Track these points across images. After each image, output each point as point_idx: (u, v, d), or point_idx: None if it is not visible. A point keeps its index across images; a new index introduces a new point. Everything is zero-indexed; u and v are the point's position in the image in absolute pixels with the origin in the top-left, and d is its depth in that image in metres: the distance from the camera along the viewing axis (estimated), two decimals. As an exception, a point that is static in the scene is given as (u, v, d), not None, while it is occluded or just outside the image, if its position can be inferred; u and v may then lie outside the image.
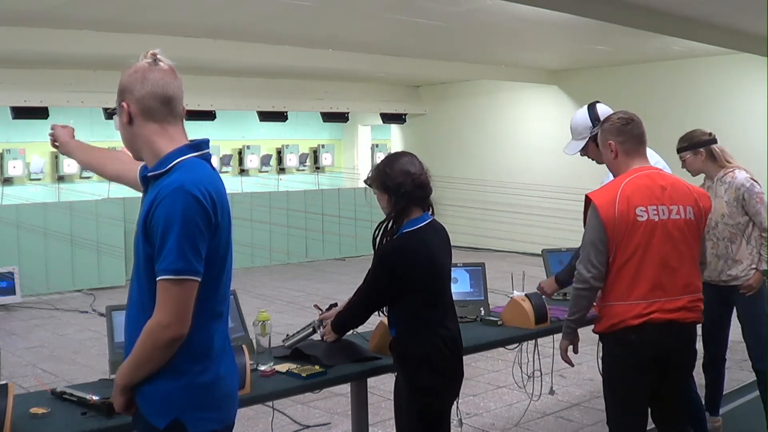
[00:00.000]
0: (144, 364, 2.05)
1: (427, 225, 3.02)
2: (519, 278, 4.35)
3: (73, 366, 6.54)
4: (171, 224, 2.00)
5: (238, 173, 13.22)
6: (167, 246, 1.99)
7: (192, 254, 2.00)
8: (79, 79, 10.31)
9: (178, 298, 2.00)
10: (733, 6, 7.41)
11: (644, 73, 11.15)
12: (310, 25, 8.17)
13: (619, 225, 3.02)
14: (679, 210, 3.08)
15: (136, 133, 2.16)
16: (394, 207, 3.01)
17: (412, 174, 3.00)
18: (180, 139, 2.17)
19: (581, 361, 6.39)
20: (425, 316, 2.97)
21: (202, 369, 2.10)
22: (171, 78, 2.18)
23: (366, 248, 12.82)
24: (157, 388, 2.07)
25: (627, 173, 3.15)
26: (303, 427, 4.92)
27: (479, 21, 7.99)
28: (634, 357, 3.06)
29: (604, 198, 3.08)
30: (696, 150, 4.24)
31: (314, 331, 3.46)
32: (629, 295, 3.04)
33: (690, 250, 3.12)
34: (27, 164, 11.03)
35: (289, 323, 8.24)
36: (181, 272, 1.99)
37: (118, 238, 10.28)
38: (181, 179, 2.05)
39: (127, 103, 2.14)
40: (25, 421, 2.51)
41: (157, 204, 2.03)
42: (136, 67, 2.17)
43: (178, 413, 2.07)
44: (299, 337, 3.49)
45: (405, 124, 14.66)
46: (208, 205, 2.04)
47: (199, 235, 2.02)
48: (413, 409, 2.97)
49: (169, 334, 2.01)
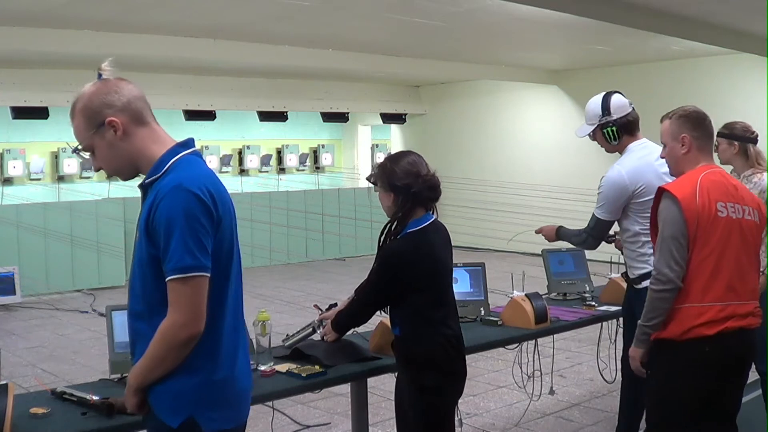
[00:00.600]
0: (160, 365, 2.04)
1: (430, 225, 3.02)
2: (519, 278, 4.35)
3: (73, 366, 6.54)
4: (173, 223, 1.99)
5: (238, 173, 13.21)
6: (172, 245, 1.99)
7: (198, 250, 2.00)
8: (79, 79, 10.08)
9: (190, 295, 2.00)
10: (733, 6, 7.40)
11: (644, 73, 11.14)
12: (310, 25, 8.17)
13: (701, 219, 2.80)
14: (750, 211, 2.93)
15: (131, 144, 2.12)
16: (401, 207, 2.98)
17: (423, 175, 2.98)
18: (167, 139, 2.17)
19: (581, 361, 6.41)
20: (429, 316, 2.96)
21: (214, 366, 2.09)
22: (129, 82, 2.16)
23: (366, 248, 12.90)
24: (170, 387, 2.06)
25: (698, 169, 2.94)
26: (303, 427, 4.92)
27: (479, 21, 7.99)
28: (707, 368, 2.82)
29: (683, 190, 2.85)
30: (731, 141, 4.23)
31: (314, 331, 3.46)
32: (704, 297, 2.80)
33: (756, 253, 2.97)
34: (27, 164, 11.03)
35: (289, 323, 8.23)
36: (190, 269, 1.99)
37: (118, 238, 10.28)
38: (179, 178, 2.05)
39: (114, 117, 2.09)
40: (25, 421, 2.51)
41: (157, 205, 2.03)
42: (94, 88, 2.12)
43: (191, 411, 2.06)
44: (299, 337, 3.49)
45: (405, 124, 14.66)
46: (208, 200, 2.04)
47: (203, 230, 2.02)
48: (417, 409, 2.96)
49: (185, 333, 2.01)
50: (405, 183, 2.96)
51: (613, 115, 3.81)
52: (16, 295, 8.99)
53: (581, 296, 4.57)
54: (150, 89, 2.53)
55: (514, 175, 12.78)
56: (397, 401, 3.21)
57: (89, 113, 2.10)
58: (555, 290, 4.66)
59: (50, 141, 11.25)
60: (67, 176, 11.41)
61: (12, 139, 10.97)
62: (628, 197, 3.71)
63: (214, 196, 2.06)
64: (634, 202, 3.71)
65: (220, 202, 2.09)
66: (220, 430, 2.11)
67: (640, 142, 3.84)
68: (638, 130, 3.87)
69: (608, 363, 5.05)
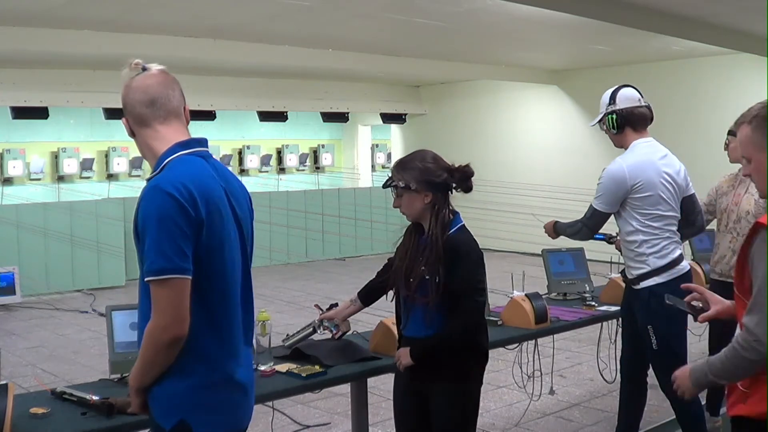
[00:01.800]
0: (151, 367, 2.05)
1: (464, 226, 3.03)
2: (519, 278, 4.35)
3: (73, 366, 6.54)
4: (147, 224, 1.99)
5: (238, 173, 13.21)
6: (146, 246, 1.99)
7: (173, 252, 1.97)
8: (79, 79, 10.30)
9: (168, 298, 1.98)
10: (733, 6, 7.40)
11: (644, 73, 11.13)
12: (310, 25, 8.17)
13: None
14: None
15: (140, 142, 2.20)
16: (443, 204, 2.95)
17: (454, 168, 2.96)
18: (172, 138, 2.15)
19: (581, 361, 6.40)
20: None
21: (207, 370, 2.07)
22: (153, 80, 2.16)
23: (366, 248, 12.88)
24: (164, 389, 2.06)
25: None
26: (303, 427, 4.92)
27: (479, 21, 7.99)
28: None
29: None
30: None
31: (314, 331, 3.45)
32: None
33: None
34: (27, 164, 11.03)
35: (289, 323, 8.24)
36: (164, 271, 1.96)
37: (118, 238, 10.28)
38: (158, 179, 2.05)
39: (125, 118, 2.19)
40: (25, 421, 2.51)
41: (138, 206, 2.05)
42: (126, 83, 2.19)
43: (183, 414, 2.05)
44: (299, 337, 3.48)
45: (405, 124, 14.66)
46: (186, 201, 1.99)
47: (178, 232, 1.98)
48: (468, 399, 3.01)
49: (167, 336, 1.99)
50: (444, 178, 2.94)
51: (618, 105, 3.77)
52: (16, 295, 8.99)
53: (581, 296, 4.57)
54: (150, 89, 2.55)
55: (514, 175, 12.78)
56: (441, 408, 2.99)
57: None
58: (555, 290, 4.66)
59: (50, 141, 11.26)
60: (67, 176, 11.42)
61: (12, 139, 10.98)
62: (626, 191, 3.70)
63: (195, 197, 2.01)
64: (632, 197, 3.70)
65: (204, 202, 2.04)
66: None
67: (646, 140, 3.80)
68: (645, 128, 3.83)
69: (608, 363, 5.05)
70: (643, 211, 3.68)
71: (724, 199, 4.32)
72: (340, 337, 3.39)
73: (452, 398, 2.94)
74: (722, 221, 4.33)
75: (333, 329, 3.39)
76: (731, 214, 4.25)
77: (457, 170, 2.96)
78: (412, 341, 2.97)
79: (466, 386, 2.96)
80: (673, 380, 2.39)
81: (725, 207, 4.29)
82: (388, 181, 3.01)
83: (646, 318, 3.72)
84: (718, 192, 4.42)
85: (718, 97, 10.59)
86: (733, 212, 4.21)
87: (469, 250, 2.91)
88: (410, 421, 3.08)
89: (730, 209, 4.27)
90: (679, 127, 10.14)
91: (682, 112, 10.57)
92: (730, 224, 4.24)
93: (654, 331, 3.68)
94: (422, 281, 2.90)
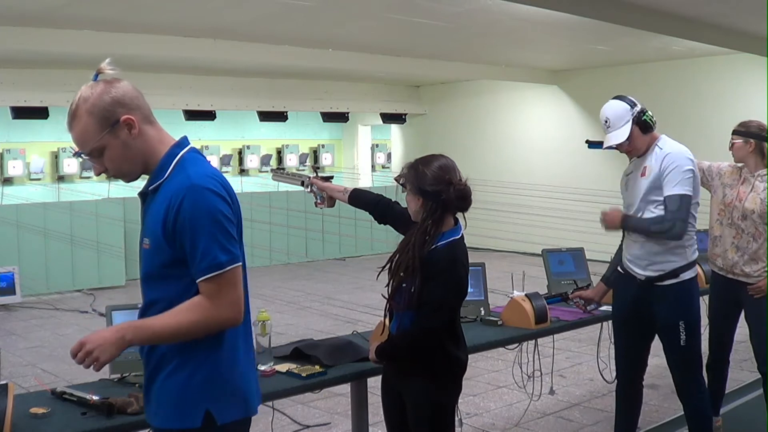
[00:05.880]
0: (181, 338, 2.03)
1: (461, 239, 2.90)
2: (519, 278, 4.34)
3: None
4: (198, 224, 1.98)
5: (238, 173, 13.22)
6: (202, 245, 1.98)
7: (228, 242, 2.02)
8: (79, 79, 10.12)
9: (229, 289, 2.03)
10: (733, 6, 7.40)
11: (644, 73, 11.14)
12: (310, 25, 8.17)
13: None
14: None
15: (144, 143, 2.09)
16: (430, 214, 2.84)
17: (455, 183, 2.84)
18: (166, 139, 2.15)
19: (581, 361, 6.40)
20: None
21: (221, 359, 2.09)
22: (128, 83, 2.13)
23: (366, 248, 12.84)
24: (178, 383, 2.07)
25: None
26: (303, 427, 4.92)
27: (479, 21, 7.99)
28: None
29: None
30: (747, 139, 4.22)
31: (302, 185, 3.58)
32: None
33: None
34: (27, 164, 11.04)
35: (289, 323, 8.22)
36: (226, 264, 2.01)
37: (118, 238, 10.28)
38: (190, 177, 2.03)
39: (130, 115, 2.05)
40: (25, 421, 2.51)
41: (176, 207, 1.99)
42: (100, 88, 2.06)
43: (207, 405, 2.05)
44: (287, 177, 3.70)
45: (405, 124, 14.67)
46: (226, 195, 2.06)
47: (228, 223, 2.04)
48: (438, 409, 2.92)
49: (228, 326, 2.06)
50: (435, 189, 2.83)
51: (639, 105, 3.62)
52: (16, 295, 8.99)
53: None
54: (150, 89, 2.54)
55: (514, 175, 12.78)
56: (414, 409, 2.98)
57: (102, 113, 2.02)
58: (555, 290, 4.65)
59: (50, 141, 11.26)
60: (67, 176, 11.42)
61: (12, 139, 10.98)
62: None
63: (229, 190, 2.09)
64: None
65: (233, 195, 2.11)
66: (232, 420, 2.09)
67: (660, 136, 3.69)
68: None
69: (608, 363, 5.04)
70: (694, 201, 3.54)
71: (728, 192, 4.29)
72: (320, 207, 3.55)
73: (418, 397, 2.91)
74: (725, 214, 4.29)
75: (319, 198, 3.56)
76: (735, 210, 4.23)
77: (453, 184, 2.84)
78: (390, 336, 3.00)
79: (432, 387, 2.87)
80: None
81: (730, 201, 4.27)
82: (398, 177, 3.04)
83: (676, 314, 3.57)
84: (722, 180, 4.36)
85: (718, 97, 10.59)
86: (737, 209, 4.20)
87: (445, 268, 2.79)
88: (393, 418, 3.09)
89: (734, 205, 4.26)
90: (679, 127, 10.10)
91: (682, 112, 10.56)
92: (734, 220, 4.23)
93: (685, 327, 3.56)
94: (400, 287, 2.88)
